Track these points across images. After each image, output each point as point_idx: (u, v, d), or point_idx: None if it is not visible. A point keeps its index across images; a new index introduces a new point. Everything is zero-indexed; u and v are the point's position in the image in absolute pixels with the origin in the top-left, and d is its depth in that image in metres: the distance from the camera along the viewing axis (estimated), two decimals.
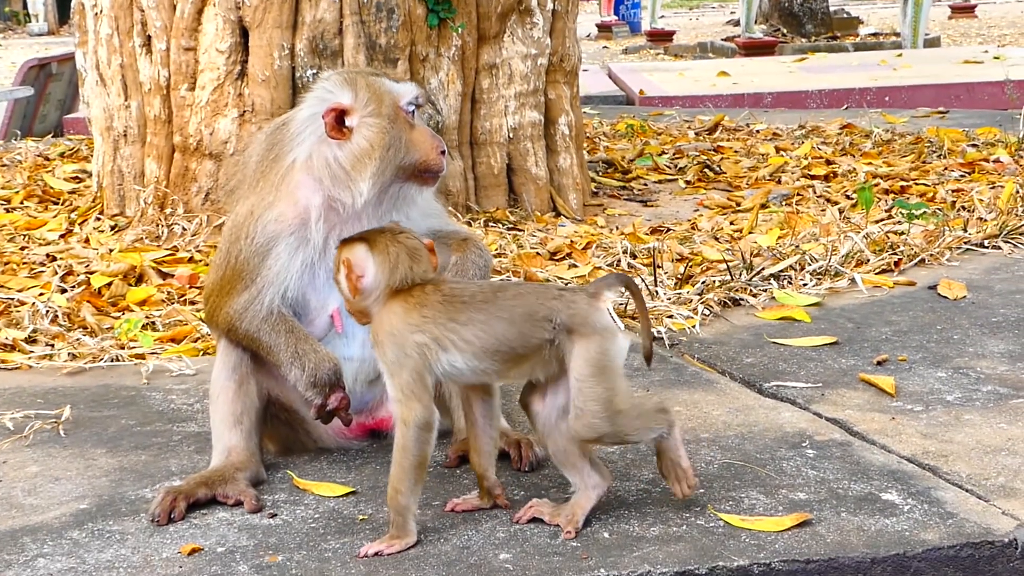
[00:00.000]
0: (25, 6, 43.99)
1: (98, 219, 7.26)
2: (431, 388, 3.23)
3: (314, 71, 6.74)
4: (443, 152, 3.69)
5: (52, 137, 11.33)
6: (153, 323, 5.36)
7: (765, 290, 5.42)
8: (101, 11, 7.18)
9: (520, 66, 7.25)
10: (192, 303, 5.69)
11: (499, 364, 3.22)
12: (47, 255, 6.52)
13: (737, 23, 29.96)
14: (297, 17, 6.76)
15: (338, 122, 3.62)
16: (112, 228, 7.05)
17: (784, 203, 7.42)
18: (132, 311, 5.62)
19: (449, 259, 3.76)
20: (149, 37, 6.95)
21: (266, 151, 3.79)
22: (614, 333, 3.21)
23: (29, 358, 4.95)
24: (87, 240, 6.85)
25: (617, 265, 6.06)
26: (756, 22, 24.35)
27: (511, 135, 7.25)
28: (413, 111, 3.69)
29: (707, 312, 5.16)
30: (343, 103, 3.63)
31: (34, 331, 5.27)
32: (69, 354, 4.97)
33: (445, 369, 3.23)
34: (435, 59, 6.97)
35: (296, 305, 3.72)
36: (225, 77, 6.75)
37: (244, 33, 6.75)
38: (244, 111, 6.75)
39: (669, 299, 5.30)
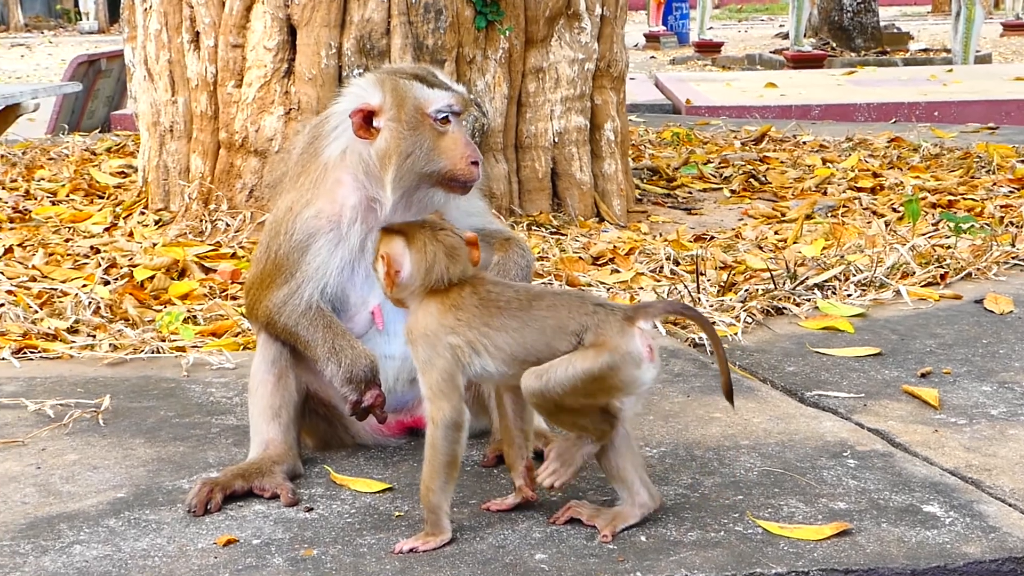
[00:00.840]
0: (76, 4, 44.30)
1: (142, 213, 7.28)
2: (462, 388, 3.20)
3: (361, 71, 6.74)
4: (475, 163, 3.60)
5: (100, 133, 11.39)
6: (194, 317, 5.37)
7: (809, 300, 5.38)
8: (150, 7, 7.20)
9: (567, 70, 7.23)
10: (234, 298, 5.70)
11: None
12: (91, 247, 6.55)
13: (786, 36, 29.86)
14: (345, 16, 6.76)
15: (366, 122, 3.61)
16: (156, 223, 7.07)
17: (829, 215, 7.37)
18: (174, 304, 5.63)
19: (491, 258, 3.73)
20: (197, 33, 6.97)
21: (306, 145, 3.80)
22: (638, 361, 3.16)
23: (70, 348, 4.97)
24: (131, 234, 6.87)
25: (660, 271, 6.03)
26: (805, 35, 24.23)
27: (556, 139, 7.23)
28: (445, 118, 3.63)
29: (750, 320, 5.12)
30: (371, 104, 3.61)
31: (76, 321, 5.28)
32: (110, 345, 4.99)
33: (477, 372, 3.21)
34: (482, 61, 6.96)
35: (336, 301, 3.70)
36: (272, 75, 6.76)
37: (292, 31, 6.76)
38: (290, 109, 6.75)
39: (712, 306, 5.26)
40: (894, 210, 7.43)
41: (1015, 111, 13.30)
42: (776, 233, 6.89)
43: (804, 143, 10.14)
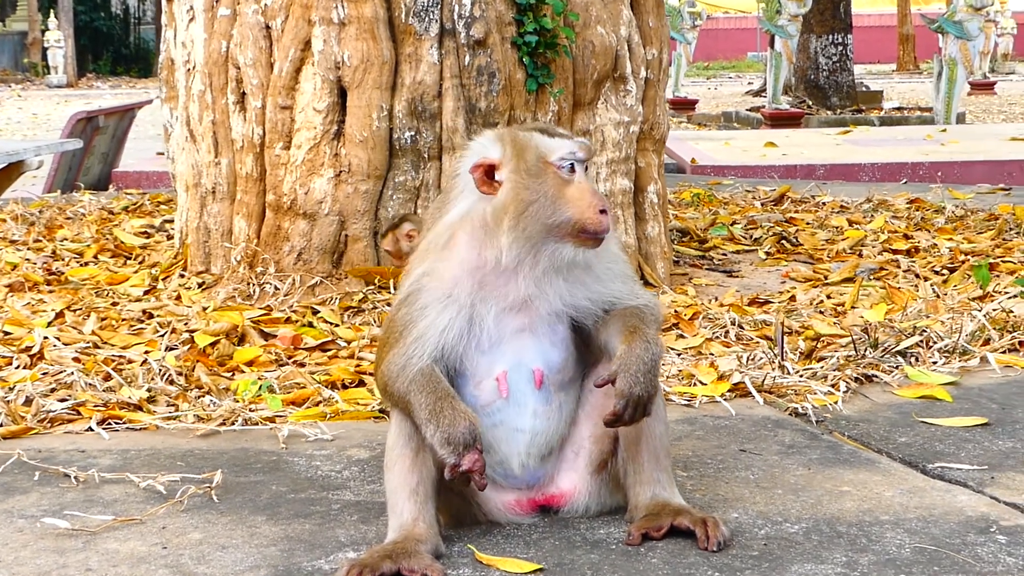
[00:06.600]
0: (44, 58, 44.13)
1: (182, 275, 7.17)
2: None
3: (412, 133, 6.69)
4: (603, 211, 3.54)
5: (115, 191, 11.30)
6: (271, 386, 5.24)
7: (896, 367, 5.31)
8: (194, 67, 7.11)
9: (612, 133, 7.18)
10: (302, 365, 5.59)
11: None
12: (143, 312, 6.42)
13: (757, 93, 30.05)
14: (396, 79, 6.71)
15: (488, 176, 3.56)
16: (199, 285, 6.96)
17: (871, 277, 7.33)
18: (242, 372, 5.51)
19: (617, 346, 3.63)
20: (244, 94, 6.88)
21: (435, 210, 3.76)
22: None
23: (154, 418, 4.83)
24: (179, 297, 6.75)
25: (726, 336, 5.97)
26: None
27: None
28: (570, 166, 3.58)
29: (845, 388, 5.04)
30: (491, 157, 3.56)
31: (149, 390, 5.16)
32: (195, 416, 4.86)
33: None
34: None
35: (457, 367, 3.63)
36: (322, 137, 6.69)
37: (342, 93, 6.70)
38: (340, 171, 6.68)
39: (799, 374, 5.19)
40: (935, 272, 7.41)
41: (1017, 171, 13.38)
42: (829, 297, 6.84)
43: (824, 203, 10.13)
